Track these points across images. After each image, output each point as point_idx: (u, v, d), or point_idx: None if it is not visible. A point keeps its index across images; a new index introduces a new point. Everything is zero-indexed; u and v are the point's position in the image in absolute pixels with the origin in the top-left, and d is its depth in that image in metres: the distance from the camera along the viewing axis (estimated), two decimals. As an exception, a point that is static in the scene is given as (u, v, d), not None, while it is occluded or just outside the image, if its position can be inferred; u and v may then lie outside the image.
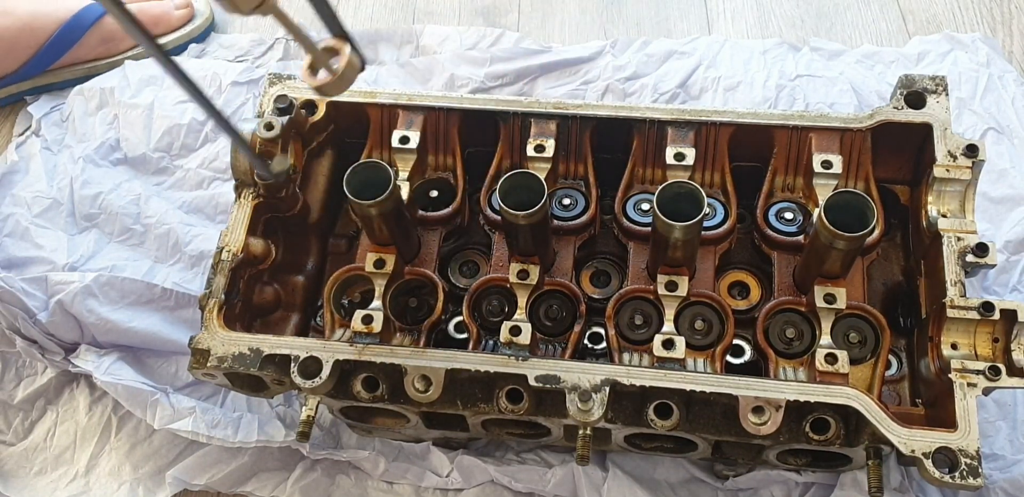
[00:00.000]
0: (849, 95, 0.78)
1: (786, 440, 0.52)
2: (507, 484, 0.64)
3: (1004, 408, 0.63)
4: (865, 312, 0.58)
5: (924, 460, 0.48)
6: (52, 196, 0.79)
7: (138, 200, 0.79)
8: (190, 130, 0.83)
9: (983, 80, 0.78)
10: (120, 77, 0.86)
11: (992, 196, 0.71)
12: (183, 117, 0.83)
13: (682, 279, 0.58)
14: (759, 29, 0.89)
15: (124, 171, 0.82)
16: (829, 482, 0.61)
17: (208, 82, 0.85)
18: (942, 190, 0.58)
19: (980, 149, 0.58)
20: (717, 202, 0.63)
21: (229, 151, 0.64)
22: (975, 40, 0.82)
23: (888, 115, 0.61)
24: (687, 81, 0.82)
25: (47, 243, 0.77)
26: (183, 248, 0.77)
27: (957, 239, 0.56)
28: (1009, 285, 0.68)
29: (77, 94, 0.86)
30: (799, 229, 0.62)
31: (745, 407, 0.50)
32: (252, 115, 0.80)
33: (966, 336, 0.54)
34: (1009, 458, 0.61)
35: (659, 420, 0.52)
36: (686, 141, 0.62)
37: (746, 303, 0.62)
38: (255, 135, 0.60)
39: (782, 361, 0.58)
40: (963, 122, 0.76)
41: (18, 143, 0.86)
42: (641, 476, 0.62)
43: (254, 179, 0.60)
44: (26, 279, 0.72)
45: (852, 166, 0.62)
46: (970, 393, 0.51)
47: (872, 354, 0.58)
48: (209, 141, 0.83)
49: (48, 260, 0.75)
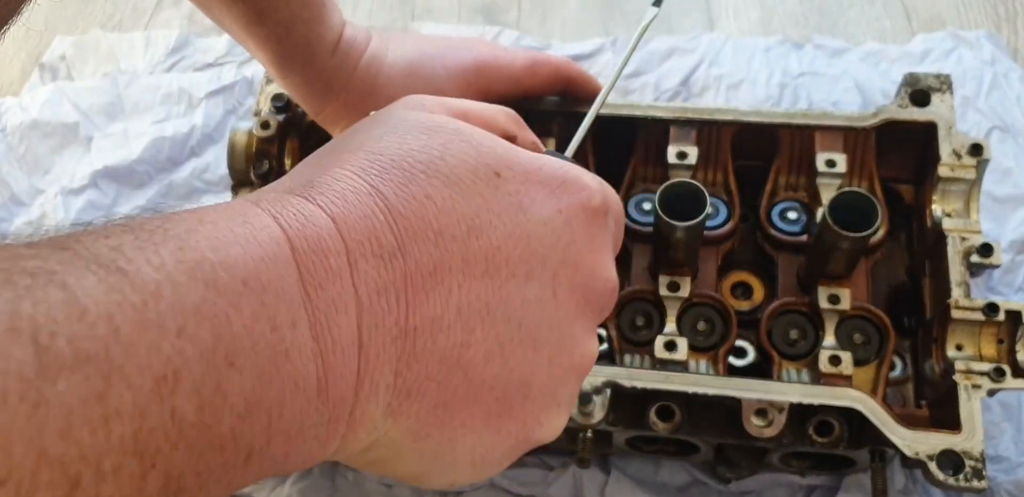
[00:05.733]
0: (853, 93, 0.78)
1: (789, 443, 0.51)
2: (507, 487, 0.63)
3: (1009, 410, 0.62)
4: (869, 313, 0.57)
5: (928, 462, 0.48)
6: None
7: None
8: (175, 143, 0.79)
9: (988, 78, 0.78)
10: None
11: (997, 195, 0.70)
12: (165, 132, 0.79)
13: (684, 280, 0.58)
14: (762, 26, 0.88)
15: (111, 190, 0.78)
16: (833, 485, 0.60)
17: (176, 99, 0.82)
18: (947, 189, 0.58)
19: (985, 148, 0.57)
20: (720, 201, 0.62)
21: (226, 153, 0.63)
22: (979, 38, 0.81)
23: (892, 113, 0.60)
24: (689, 79, 0.81)
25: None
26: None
27: (962, 239, 0.55)
28: (1014, 285, 0.67)
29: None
30: (803, 229, 0.61)
31: (748, 410, 0.50)
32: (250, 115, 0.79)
33: (971, 337, 0.53)
34: (1014, 460, 0.60)
35: (661, 422, 0.51)
36: (688, 140, 0.61)
37: (749, 304, 0.61)
38: (251, 134, 0.60)
39: (786, 363, 0.57)
40: (967, 120, 0.75)
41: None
42: (643, 479, 0.62)
43: (252, 179, 0.59)
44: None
45: (856, 165, 0.61)
46: (974, 395, 0.50)
47: (876, 355, 0.57)
48: (195, 155, 0.80)
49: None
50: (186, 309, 0.20)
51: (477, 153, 0.29)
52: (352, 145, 0.29)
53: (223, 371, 0.21)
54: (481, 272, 0.27)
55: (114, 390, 0.18)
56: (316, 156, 0.30)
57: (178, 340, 0.20)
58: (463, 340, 0.27)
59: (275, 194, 0.27)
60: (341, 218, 0.25)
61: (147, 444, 0.19)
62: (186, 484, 0.20)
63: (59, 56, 0.89)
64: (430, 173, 0.27)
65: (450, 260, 0.26)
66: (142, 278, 0.20)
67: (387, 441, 0.27)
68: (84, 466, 0.18)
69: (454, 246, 0.27)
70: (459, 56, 0.59)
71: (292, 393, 0.23)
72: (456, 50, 0.60)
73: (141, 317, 0.19)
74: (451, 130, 0.29)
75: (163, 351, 0.19)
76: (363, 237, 0.25)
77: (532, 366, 0.29)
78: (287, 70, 0.57)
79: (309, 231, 0.25)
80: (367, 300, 0.25)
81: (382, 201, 0.26)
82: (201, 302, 0.21)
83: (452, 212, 0.27)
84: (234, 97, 0.83)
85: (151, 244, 0.21)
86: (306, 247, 0.24)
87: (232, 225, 0.24)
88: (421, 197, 0.27)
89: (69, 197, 0.77)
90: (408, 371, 0.26)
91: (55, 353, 0.18)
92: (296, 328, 0.23)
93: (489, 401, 0.28)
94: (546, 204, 0.30)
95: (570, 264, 0.30)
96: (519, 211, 0.29)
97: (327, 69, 0.56)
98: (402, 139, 0.28)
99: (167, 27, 0.92)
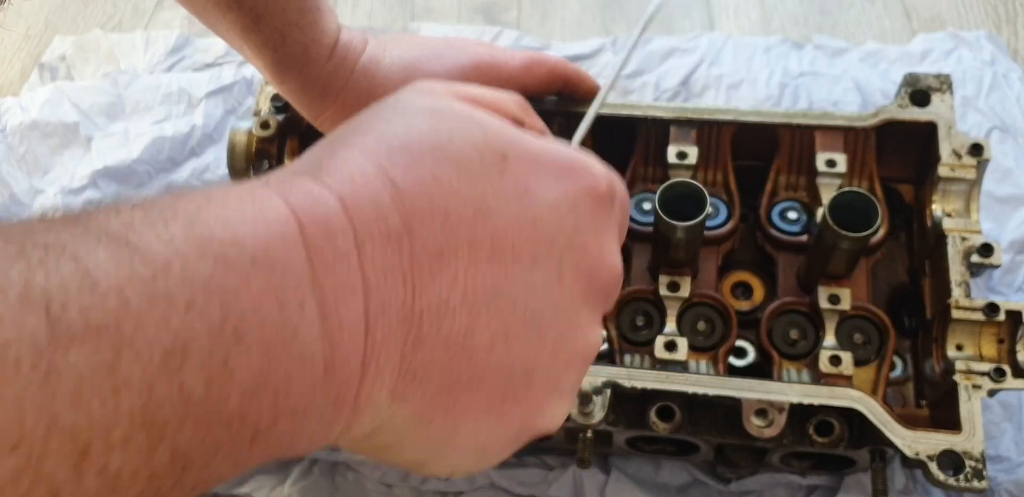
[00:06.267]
0: (853, 93, 0.78)
1: (790, 443, 0.51)
2: (507, 487, 0.63)
3: (1009, 410, 0.62)
4: (870, 313, 0.57)
5: (929, 462, 0.48)
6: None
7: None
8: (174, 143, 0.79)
9: (988, 78, 0.78)
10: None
11: (997, 195, 0.70)
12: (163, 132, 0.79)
13: (684, 279, 0.58)
14: (762, 26, 0.88)
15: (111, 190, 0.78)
16: (833, 485, 0.60)
17: (176, 99, 0.82)
18: (947, 189, 0.58)
19: (985, 148, 0.57)
20: (720, 201, 0.62)
21: (226, 153, 0.63)
22: (979, 38, 0.81)
23: (893, 113, 0.60)
24: (689, 79, 0.81)
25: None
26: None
27: (962, 239, 0.55)
28: (1015, 285, 0.67)
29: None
30: (803, 229, 0.61)
31: (748, 410, 0.50)
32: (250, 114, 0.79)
33: (971, 337, 0.53)
34: (1014, 460, 0.60)
35: (661, 422, 0.51)
36: (688, 140, 0.61)
37: (749, 304, 0.61)
38: (251, 134, 0.60)
39: (786, 363, 0.57)
40: (968, 120, 0.75)
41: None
42: (643, 479, 0.62)
43: (251, 178, 0.59)
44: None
45: (856, 165, 0.61)
46: (975, 395, 0.50)
47: (876, 355, 0.57)
48: (194, 155, 0.80)
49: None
50: (195, 284, 0.20)
51: (485, 136, 0.29)
52: (362, 128, 0.29)
53: (231, 347, 0.21)
54: (487, 256, 0.27)
55: (124, 361, 0.18)
56: (326, 140, 0.30)
57: (187, 314, 0.20)
58: (468, 325, 0.27)
59: (284, 175, 0.27)
60: (349, 199, 0.25)
61: (155, 417, 0.19)
62: (193, 460, 0.20)
63: (59, 56, 0.89)
64: (437, 155, 0.27)
65: (456, 243, 0.26)
66: (152, 252, 0.20)
67: (390, 426, 0.27)
68: (94, 435, 0.18)
69: (460, 229, 0.27)
70: (456, 57, 0.59)
71: (299, 372, 0.23)
72: (453, 51, 0.60)
73: (151, 290, 0.19)
74: (459, 113, 0.29)
75: (172, 325, 0.20)
76: (370, 218, 0.25)
77: (536, 353, 0.29)
78: (283, 76, 0.57)
79: (317, 212, 0.25)
80: (374, 282, 0.25)
81: (389, 183, 0.26)
82: (210, 277, 0.21)
83: (459, 195, 0.27)
84: (234, 97, 0.83)
85: (161, 220, 0.21)
86: (314, 228, 0.24)
87: (241, 204, 0.24)
88: (428, 179, 0.27)
89: (69, 197, 0.77)
90: (413, 355, 0.26)
91: (67, 323, 0.18)
92: (304, 308, 0.23)
93: (492, 387, 0.28)
94: (552, 188, 0.29)
95: (576, 249, 0.30)
96: (525, 195, 0.29)
97: (324, 74, 0.56)
98: (410, 122, 0.29)
99: (167, 27, 0.92)
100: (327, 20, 0.56)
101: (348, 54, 0.57)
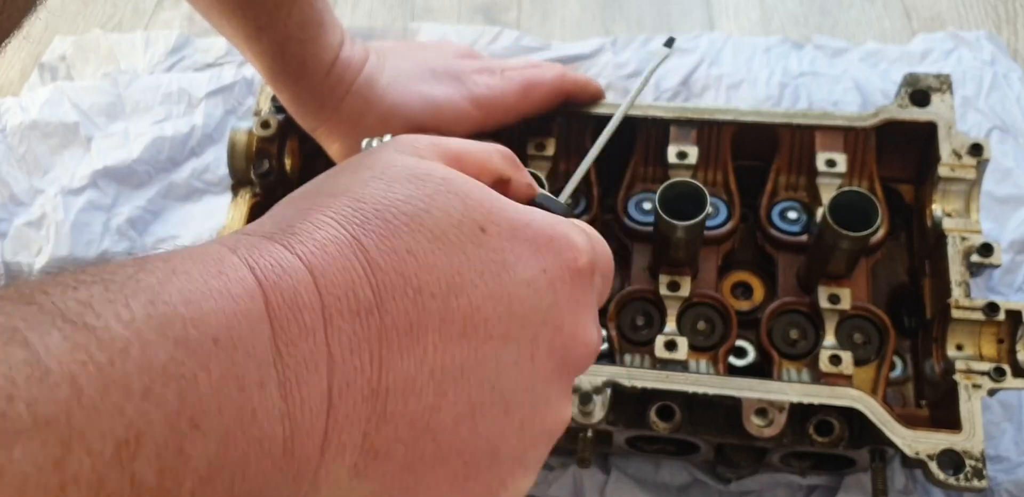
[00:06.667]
0: (853, 93, 0.78)
1: (790, 443, 0.51)
2: (507, 486, 0.63)
3: (1009, 409, 0.62)
4: (870, 313, 0.57)
5: (929, 462, 0.48)
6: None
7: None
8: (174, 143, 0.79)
9: (988, 78, 0.78)
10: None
11: (997, 195, 0.70)
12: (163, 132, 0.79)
13: (684, 279, 0.58)
14: (762, 26, 0.88)
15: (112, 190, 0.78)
16: (833, 485, 0.60)
17: (176, 99, 0.82)
18: (947, 189, 0.58)
19: (985, 148, 0.57)
20: (720, 201, 0.62)
21: (226, 152, 0.63)
22: (979, 38, 0.81)
23: (893, 113, 0.60)
24: (689, 79, 0.81)
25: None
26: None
27: (962, 239, 0.55)
28: (1014, 285, 0.67)
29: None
30: (803, 229, 0.61)
31: (748, 409, 0.50)
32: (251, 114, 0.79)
33: (971, 337, 0.53)
34: (1014, 460, 0.60)
35: (661, 422, 0.51)
36: (688, 139, 0.61)
37: (749, 304, 0.61)
38: (251, 133, 0.60)
39: (786, 362, 0.57)
40: (968, 120, 0.75)
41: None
42: (644, 479, 0.61)
43: (252, 178, 0.59)
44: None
45: (856, 165, 0.61)
46: (975, 394, 0.50)
47: (876, 355, 0.57)
48: (194, 155, 0.79)
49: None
50: (153, 369, 0.20)
51: (464, 206, 0.28)
52: (338, 188, 0.28)
53: (187, 434, 0.20)
54: (458, 333, 0.26)
55: (73, 456, 0.18)
56: (299, 195, 0.30)
57: (143, 402, 0.19)
58: (434, 403, 0.26)
59: (253, 239, 0.26)
60: (319, 270, 0.25)
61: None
62: None
63: (59, 56, 0.89)
64: (413, 226, 0.26)
65: (427, 319, 0.26)
66: (110, 335, 0.19)
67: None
68: None
69: (433, 305, 0.26)
70: (455, 88, 0.59)
71: (257, 455, 0.22)
72: (450, 78, 0.60)
73: (106, 378, 0.19)
74: (439, 180, 0.28)
75: (127, 414, 0.19)
76: (340, 291, 0.25)
77: (502, 430, 0.29)
78: (280, 85, 0.57)
79: (285, 283, 0.24)
80: (339, 358, 0.24)
81: (362, 254, 0.26)
82: (169, 361, 0.20)
83: (433, 269, 0.26)
84: (234, 97, 0.83)
85: (122, 296, 0.21)
86: (281, 301, 0.24)
87: (207, 277, 0.23)
88: (403, 251, 0.26)
89: (69, 197, 0.77)
90: (376, 433, 0.25)
91: (12, 418, 0.17)
92: (264, 388, 0.22)
93: (456, 465, 0.28)
94: (530, 263, 0.29)
95: (551, 326, 0.29)
96: (502, 270, 0.28)
97: (321, 89, 0.56)
98: (388, 186, 0.27)
99: (167, 27, 0.92)
100: (329, 36, 0.56)
101: (346, 72, 0.57)
